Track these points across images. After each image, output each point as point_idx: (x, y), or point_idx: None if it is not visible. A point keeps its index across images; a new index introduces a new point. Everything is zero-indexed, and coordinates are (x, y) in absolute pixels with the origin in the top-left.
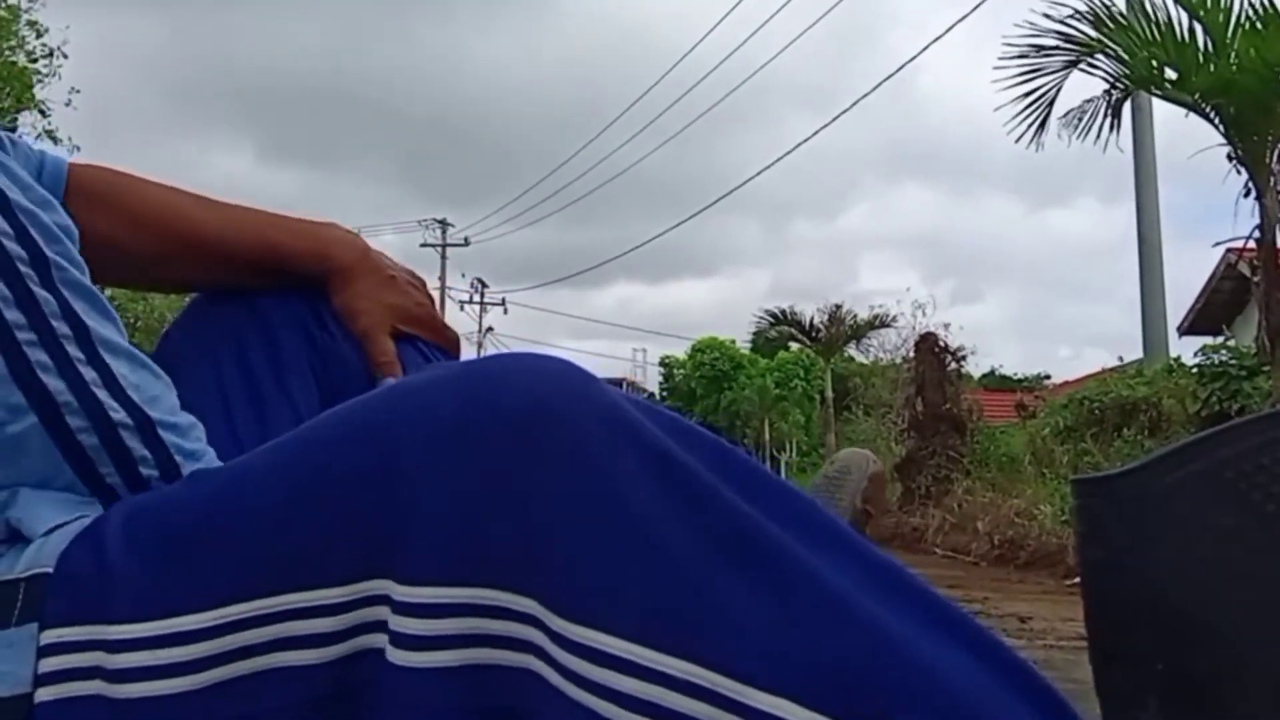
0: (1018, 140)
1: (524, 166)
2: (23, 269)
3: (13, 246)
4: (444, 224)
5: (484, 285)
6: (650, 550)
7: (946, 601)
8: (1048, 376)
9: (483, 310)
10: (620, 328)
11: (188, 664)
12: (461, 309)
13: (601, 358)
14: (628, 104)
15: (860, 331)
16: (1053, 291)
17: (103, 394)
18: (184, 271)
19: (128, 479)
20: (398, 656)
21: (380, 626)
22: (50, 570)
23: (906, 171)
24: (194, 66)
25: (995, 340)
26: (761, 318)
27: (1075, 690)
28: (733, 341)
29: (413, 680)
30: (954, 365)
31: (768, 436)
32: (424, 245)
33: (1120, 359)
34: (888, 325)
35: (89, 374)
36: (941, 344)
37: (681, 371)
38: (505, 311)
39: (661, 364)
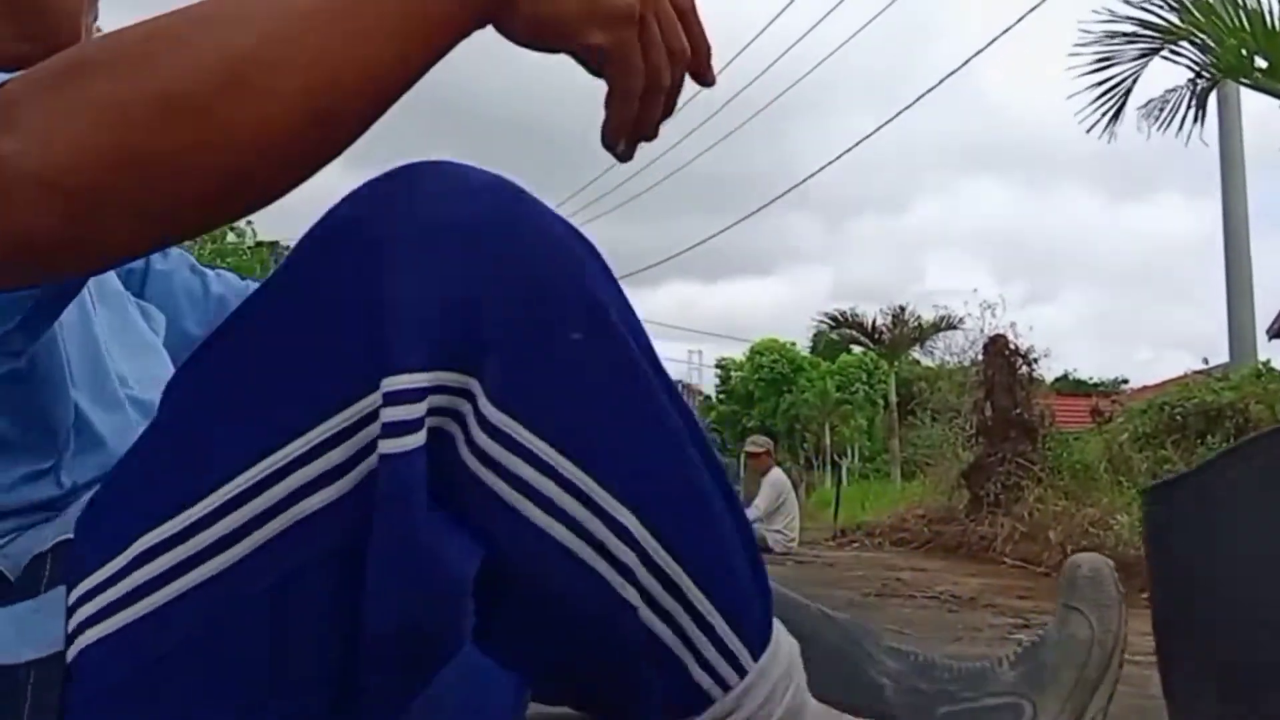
0: (1089, 130)
1: (578, 164)
2: None
3: None
4: None
5: None
6: (575, 375)
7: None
8: (1125, 381)
9: None
10: (675, 329)
11: (210, 548)
12: None
13: None
14: (683, 100)
15: (925, 334)
16: (1132, 291)
17: None
18: None
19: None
20: (389, 445)
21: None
22: (71, 536)
23: (977, 166)
24: None
25: (1070, 343)
26: (822, 320)
27: (1150, 706)
28: (793, 344)
29: (400, 464)
30: (1025, 369)
31: (828, 441)
32: None
33: (1205, 362)
34: (954, 327)
35: None
36: (1012, 346)
37: (739, 374)
38: None
39: (718, 366)
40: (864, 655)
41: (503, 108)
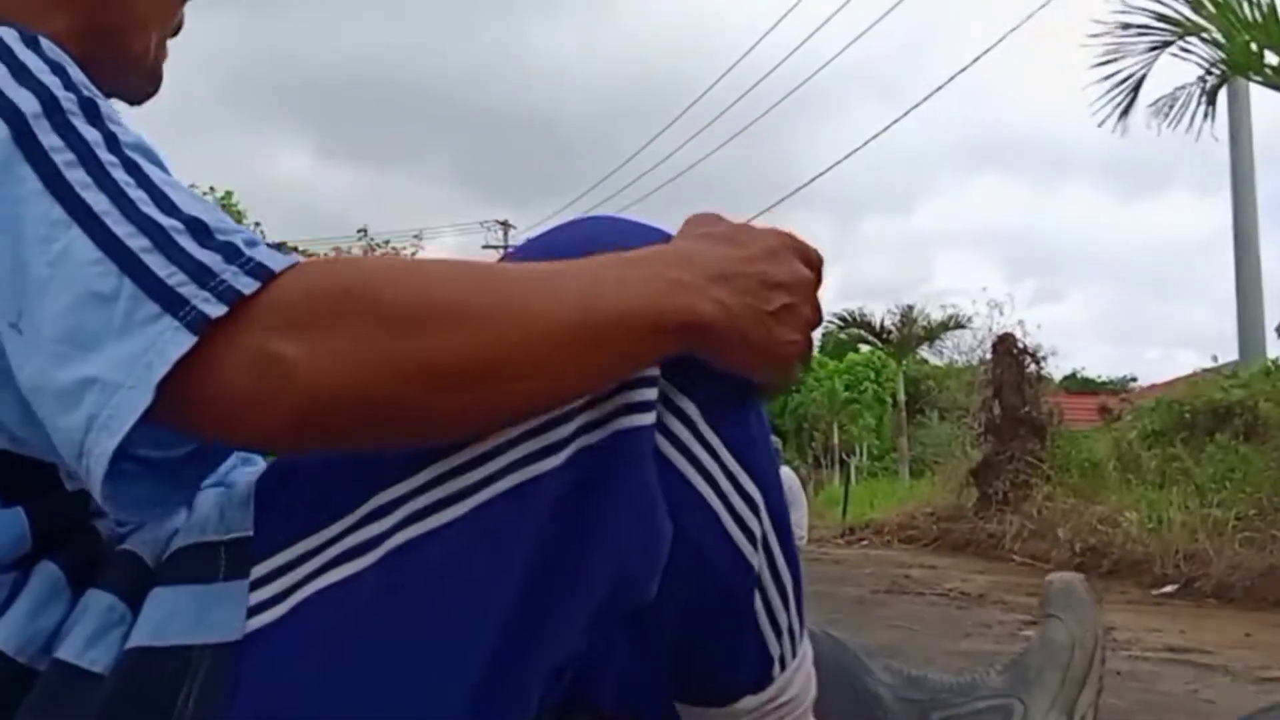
0: (1100, 124)
1: (586, 165)
2: (67, 105)
3: (59, 90)
4: (506, 225)
5: None
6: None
7: None
8: (1134, 379)
9: None
10: None
11: (416, 514)
12: None
13: None
14: (691, 100)
15: (934, 333)
16: (1142, 290)
17: (150, 209)
18: None
19: (192, 271)
20: (632, 420)
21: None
22: (249, 533)
23: (986, 165)
24: (254, 61)
25: (1079, 341)
26: (830, 321)
27: (1162, 703)
28: None
29: (643, 436)
30: (1033, 367)
31: (836, 440)
32: (486, 247)
33: (1214, 360)
34: (962, 326)
35: (137, 194)
36: (1020, 345)
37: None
38: None
39: None
40: (861, 667)
41: (513, 105)
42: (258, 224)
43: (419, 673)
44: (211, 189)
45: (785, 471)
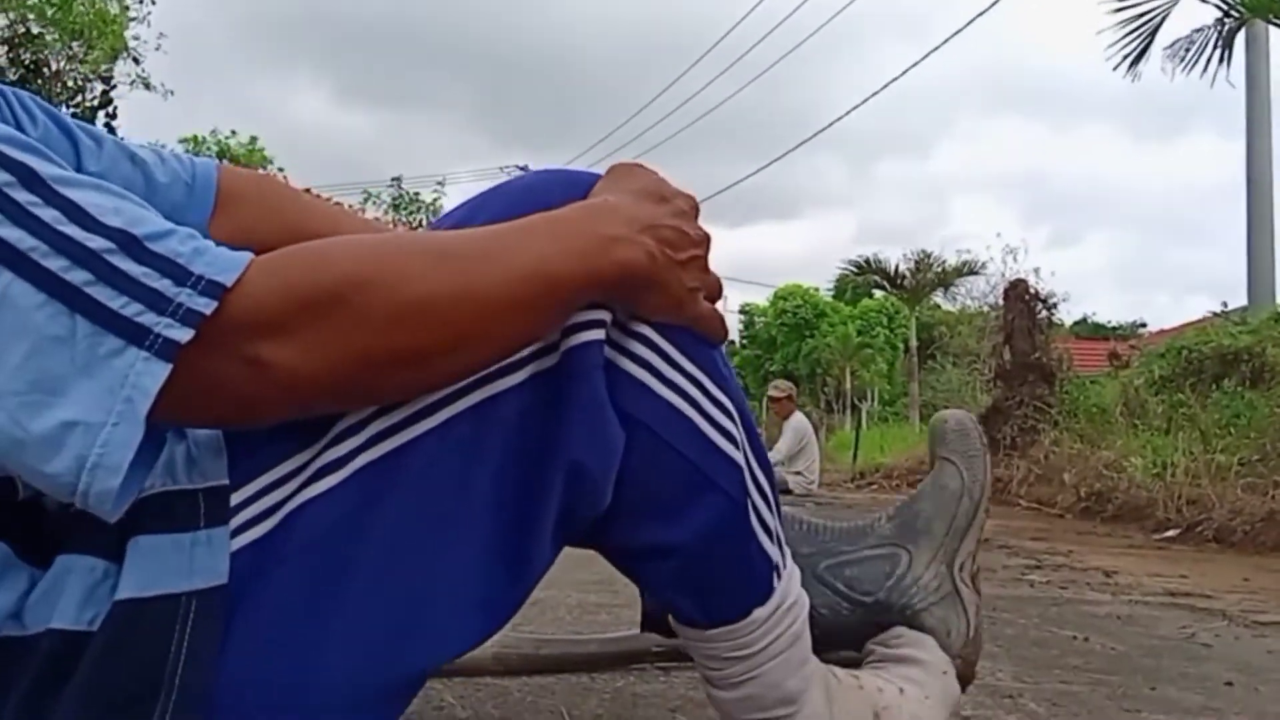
0: (1115, 68)
1: (605, 110)
2: None
3: None
4: (525, 170)
5: None
6: None
7: None
8: (1144, 325)
9: None
10: None
11: (392, 427)
12: None
13: None
14: (710, 44)
15: (948, 279)
16: (1156, 235)
17: (70, 229)
18: None
19: (145, 299)
20: (582, 337)
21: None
22: (226, 482)
23: (1004, 108)
24: (274, 3)
25: (1092, 285)
26: (845, 267)
27: (1159, 646)
28: (816, 289)
29: (592, 349)
30: (1045, 313)
31: (849, 385)
32: None
33: (1224, 305)
34: (976, 272)
35: (48, 214)
36: (1032, 291)
37: (762, 319)
38: None
39: (741, 311)
40: None
41: (527, 51)
42: (281, 170)
43: (404, 579)
44: (234, 133)
45: (798, 417)
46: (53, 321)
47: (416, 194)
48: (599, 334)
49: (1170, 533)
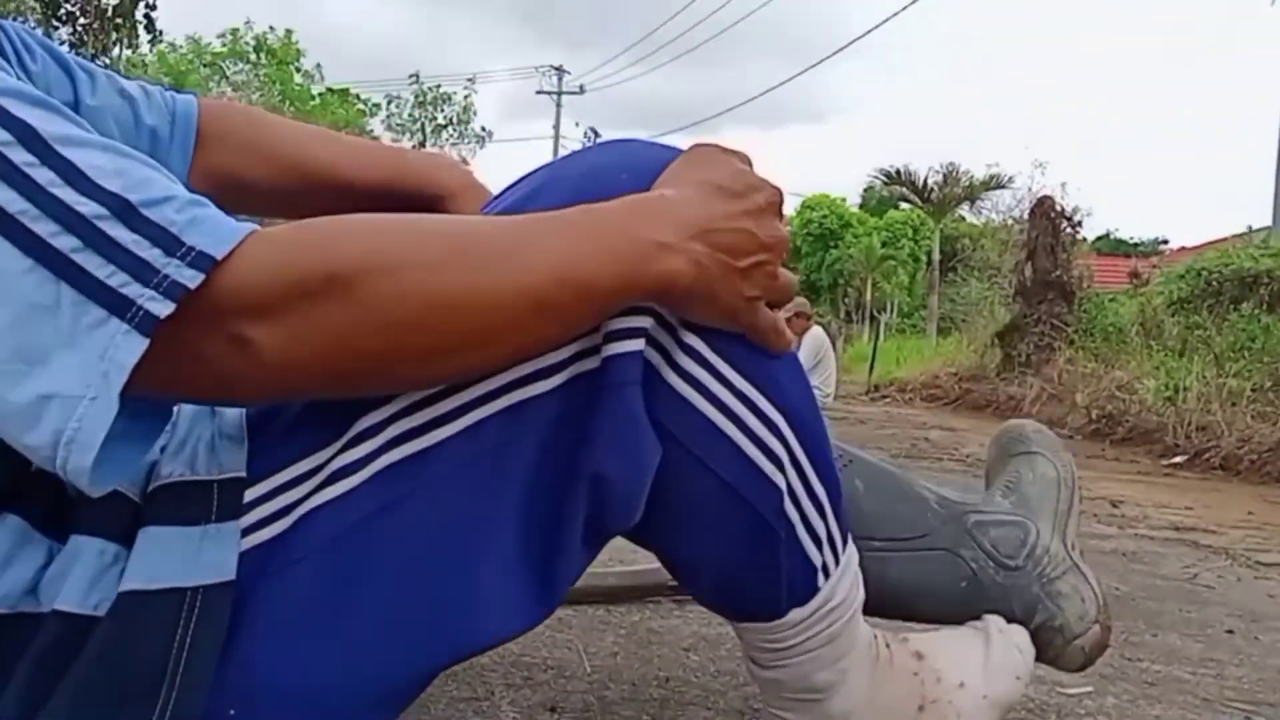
0: None
1: (643, 8)
2: None
3: None
4: (560, 71)
5: (596, 135)
6: None
7: None
8: (1165, 241)
9: None
10: None
11: (423, 426)
12: None
13: None
14: None
15: (975, 192)
16: (1186, 149)
17: (63, 191)
18: (309, 202)
19: (131, 268)
20: (618, 347)
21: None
22: (243, 474)
23: (1038, 14)
24: None
25: (1116, 198)
26: (874, 176)
27: (1163, 588)
28: (843, 200)
29: (628, 360)
30: (1069, 231)
31: (869, 296)
32: (540, 92)
33: (1249, 228)
34: (1004, 186)
35: (43, 175)
36: (1058, 209)
37: (788, 228)
38: None
39: None
40: (907, 477)
41: None
42: (319, 65)
43: (422, 587)
44: (271, 29)
45: (815, 331)
46: (38, 289)
47: (439, 86)
48: (638, 344)
49: (1178, 459)
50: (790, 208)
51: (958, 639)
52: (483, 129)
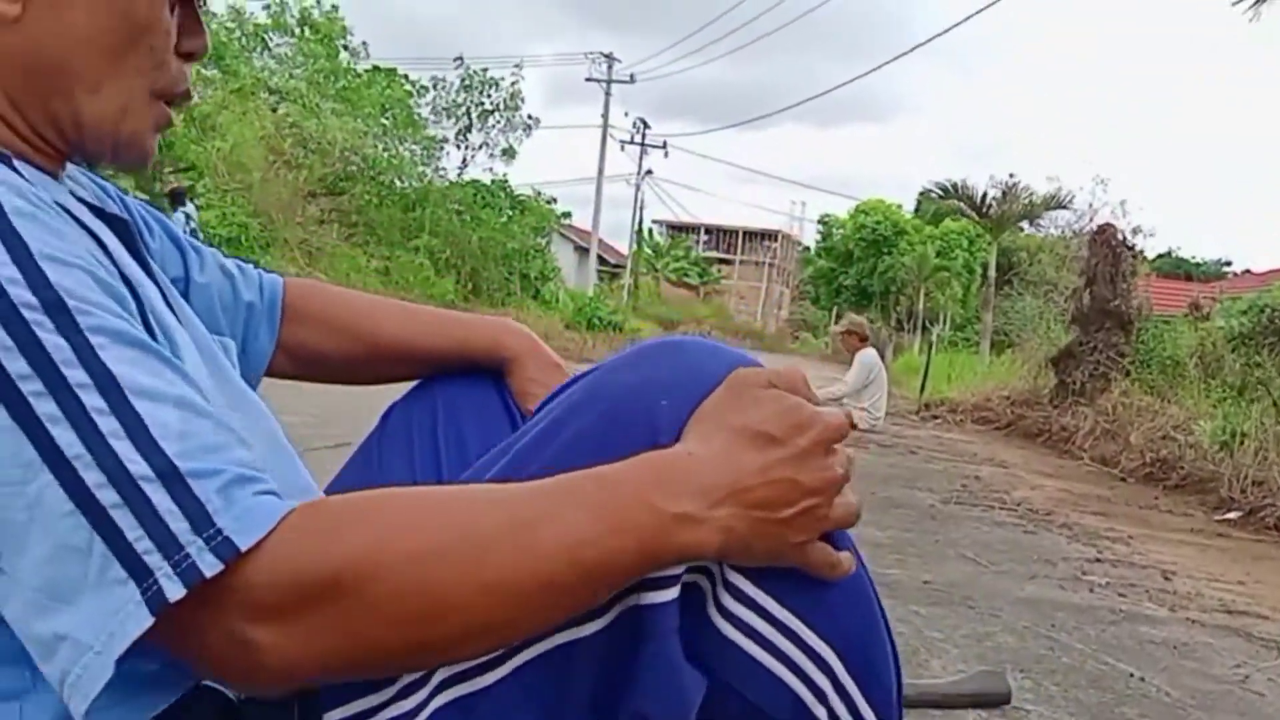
0: (1235, 4)
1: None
2: (29, 315)
3: (18, 293)
4: (610, 59)
5: (646, 126)
6: None
7: None
8: (1229, 263)
9: (643, 152)
10: (780, 180)
11: (470, 669)
12: (622, 149)
13: (758, 209)
14: None
15: (1034, 211)
16: (1260, 167)
17: (121, 445)
18: (377, 369)
19: (159, 538)
20: (653, 597)
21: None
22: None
23: (1112, 24)
24: None
25: (1180, 214)
26: (930, 190)
27: (1213, 692)
28: (898, 206)
29: (665, 611)
30: (1130, 260)
31: (921, 306)
32: (589, 80)
33: None
34: (1064, 206)
35: (108, 424)
36: (1119, 237)
37: (841, 231)
38: (666, 155)
39: (820, 221)
40: None
41: None
42: (365, 44)
43: None
44: (318, 2)
45: (868, 352)
46: (74, 533)
47: (485, 70)
48: (673, 593)
49: (1231, 515)
50: (843, 210)
51: None
52: (529, 116)
